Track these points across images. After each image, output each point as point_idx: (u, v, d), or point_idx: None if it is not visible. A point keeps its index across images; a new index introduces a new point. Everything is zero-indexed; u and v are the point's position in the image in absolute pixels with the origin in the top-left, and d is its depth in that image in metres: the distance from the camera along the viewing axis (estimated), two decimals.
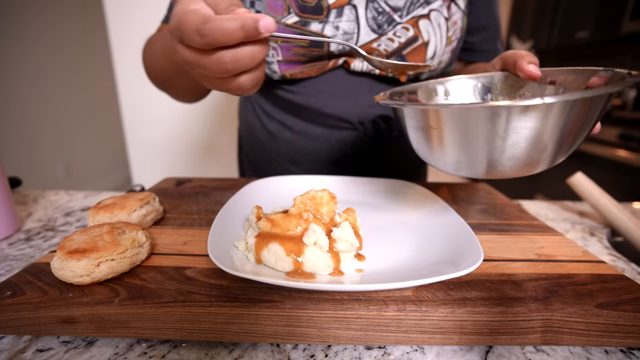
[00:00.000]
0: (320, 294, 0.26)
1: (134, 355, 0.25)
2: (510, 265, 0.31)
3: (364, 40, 0.47)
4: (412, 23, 0.47)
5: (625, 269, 0.37)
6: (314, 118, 0.56)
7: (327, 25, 0.46)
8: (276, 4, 0.45)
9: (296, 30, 0.46)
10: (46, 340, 0.26)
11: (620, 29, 1.92)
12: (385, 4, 0.46)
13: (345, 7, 0.45)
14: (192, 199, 0.48)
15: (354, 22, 0.46)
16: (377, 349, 0.26)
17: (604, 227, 0.49)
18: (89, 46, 2.55)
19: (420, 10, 0.47)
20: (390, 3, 0.46)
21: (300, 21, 0.45)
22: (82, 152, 2.63)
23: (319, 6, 0.45)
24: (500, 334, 0.25)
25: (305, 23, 0.46)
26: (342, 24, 0.46)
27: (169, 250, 0.33)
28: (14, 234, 0.44)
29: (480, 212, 0.44)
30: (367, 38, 0.47)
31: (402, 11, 0.47)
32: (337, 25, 0.46)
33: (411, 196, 0.44)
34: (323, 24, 0.46)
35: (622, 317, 0.25)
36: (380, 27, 0.47)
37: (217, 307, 0.25)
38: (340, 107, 0.54)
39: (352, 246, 0.29)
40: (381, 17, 0.46)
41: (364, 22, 0.46)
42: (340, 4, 0.45)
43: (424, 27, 0.48)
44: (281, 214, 0.31)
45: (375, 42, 0.47)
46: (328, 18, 0.46)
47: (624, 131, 1.64)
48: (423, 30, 0.48)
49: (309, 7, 0.45)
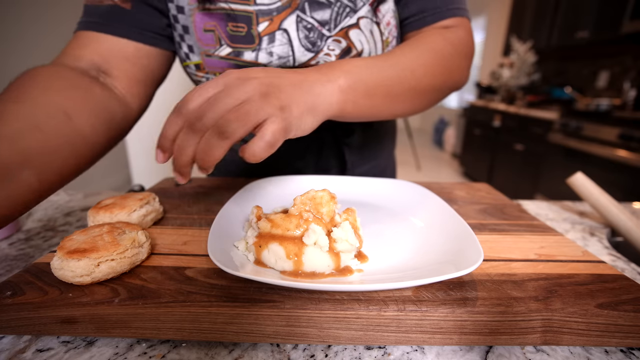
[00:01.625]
0: (320, 294, 0.26)
1: (134, 355, 0.25)
2: (510, 265, 0.31)
3: (301, 60, 0.46)
4: (342, 35, 0.45)
5: (625, 269, 0.37)
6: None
7: (260, 52, 0.45)
8: (206, 37, 0.44)
9: (230, 61, 0.45)
10: (46, 340, 0.26)
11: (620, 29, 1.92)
12: (313, 19, 0.44)
13: (277, 33, 0.44)
14: (192, 199, 0.48)
15: (287, 44, 0.45)
16: (377, 349, 0.26)
17: (604, 227, 0.49)
18: None
19: (348, 21, 0.45)
20: (317, 17, 0.44)
21: (233, 52, 0.45)
22: None
23: (250, 35, 0.44)
24: (500, 334, 0.25)
25: (238, 53, 0.45)
26: (276, 48, 0.45)
27: (169, 250, 0.33)
28: (14, 234, 0.44)
29: (480, 212, 0.44)
30: (303, 58, 0.46)
31: (330, 24, 0.45)
32: (271, 51, 0.45)
33: (411, 196, 0.44)
34: (256, 52, 0.45)
35: (622, 317, 0.25)
36: (314, 44, 0.45)
37: (217, 307, 0.25)
38: None
39: (352, 246, 0.29)
40: (312, 35, 0.45)
41: (297, 43, 0.45)
42: (271, 31, 0.44)
43: (355, 37, 0.46)
44: (281, 214, 0.31)
45: (313, 60, 0.46)
46: (260, 45, 0.45)
47: (624, 131, 1.64)
48: (355, 40, 0.46)
49: (239, 36, 0.44)
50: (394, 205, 0.44)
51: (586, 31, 2.20)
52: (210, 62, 0.46)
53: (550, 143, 2.16)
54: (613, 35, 1.99)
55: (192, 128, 0.27)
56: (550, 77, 3.00)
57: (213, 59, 0.45)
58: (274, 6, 0.44)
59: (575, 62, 2.73)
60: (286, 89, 0.30)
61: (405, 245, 0.34)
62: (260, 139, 0.27)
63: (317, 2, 0.44)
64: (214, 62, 0.46)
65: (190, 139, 0.28)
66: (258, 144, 0.27)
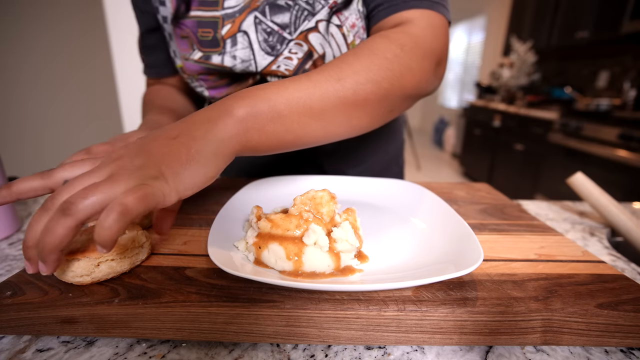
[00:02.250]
0: (320, 294, 0.26)
1: (134, 355, 0.25)
2: (510, 265, 0.31)
3: (262, 64, 0.46)
4: (302, 38, 0.45)
5: (625, 269, 0.37)
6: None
7: (225, 56, 0.46)
8: (182, 43, 0.47)
9: (202, 65, 0.47)
10: (46, 340, 0.26)
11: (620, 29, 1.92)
12: (273, 23, 0.44)
13: (238, 35, 0.45)
14: (192, 199, 0.48)
15: (248, 48, 0.45)
16: (377, 349, 0.26)
17: (604, 227, 0.49)
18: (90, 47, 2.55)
19: (306, 24, 0.44)
20: (277, 21, 0.44)
21: (203, 56, 0.46)
22: None
23: (215, 39, 0.45)
24: (500, 334, 0.25)
25: (207, 57, 0.46)
26: (238, 52, 0.46)
27: (169, 250, 0.33)
28: (14, 234, 0.44)
29: (480, 212, 0.44)
30: (264, 62, 0.46)
31: (290, 27, 0.45)
32: (234, 55, 0.46)
33: (411, 196, 0.44)
34: (222, 55, 0.46)
35: (622, 317, 0.25)
36: (274, 48, 0.45)
37: (217, 307, 0.25)
38: None
39: (352, 246, 0.29)
40: (272, 38, 0.45)
41: (257, 46, 0.45)
42: (232, 33, 0.45)
43: (314, 40, 0.45)
44: (281, 214, 0.31)
45: (274, 64, 0.46)
46: (225, 49, 0.46)
47: (624, 131, 1.64)
48: (315, 44, 0.45)
49: (206, 41, 0.46)
50: (394, 205, 0.44)
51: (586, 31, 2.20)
52: (188, 65, 0.49)
53: (550, 143, 2.16)
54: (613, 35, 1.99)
55: (43, 207, 0.24)
56: (550, 77, 3.00)
57: (189, 62, 0.48)
58: (237, 8, 0.45)
59: (575, 62, 2.73)
60: (155, 155, 0.26)
61: (405, 245, 0.34)
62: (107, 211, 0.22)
63: (277, 6, 0.44)
64: (190, 65, 0.48)
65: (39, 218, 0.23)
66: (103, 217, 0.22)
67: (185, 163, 0.26)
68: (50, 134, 2.37)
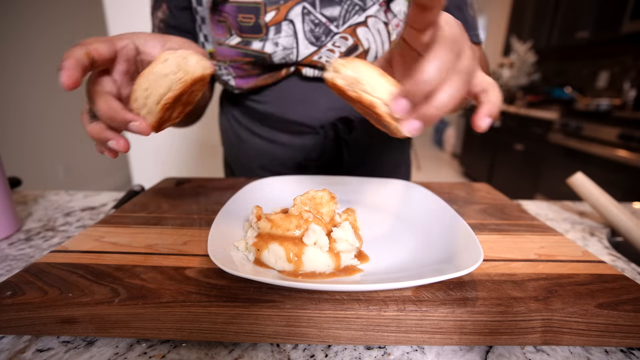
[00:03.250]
0: (320, 294, 0.26)
1: (134, 355, 0.25)
2: (510, 265, 0.31)
3: (304, 53, 0.47)
4: (350, 32, 0.47)
5: (625, 269, 0.37)
6: (278, 125, 0.56)
7: (267, 42, 0.47)
8: (218, 27, 0.47)
9: (239, 50, 0.47)
10: (46, 340, 0.26)
11: (620, 29, 1.92)
12: (321, 15, 0.46)
13: (283, 23, 0.46)
14: (192, 199, 0.48)
15: (292, 36, 0.46)
16: (377, 349, 0.26)
17: (604, 227, 0.49)
18: None
19: (356, 18, 0.46)
20: (326, 13, 0.46)
21: (242, 41, 0.47)
22: (82, 152, 2.63)
23: (257, 25, 0.46)
24: (500, 334, 0.25)
25: (247, 42, 0.47)
26: (281, 39, 0.46)
27: (169, 250, 0.33)
28: (14, 234, 0.44)
29: (480, 212, 0.44)
30: (306, 51, 0.47)
31: (338, 21, 0.46)
32: (277, 42, 0.46)
33: (411, 196, 0.44)
34: (263, 41, 0.46)
35: (622, 317, 0.25)
36: (318, 39, 0.47)
37: (217, 307, 0.25)
38: (300, 112, 0.54)
39: (352, 246, 0.29)
40: (318, 29, 0.46)
41: (302, 35, 0.46)
42: (278, 21, 0.46)
43: (362, 35, 0.47)
44: (281, 214, 0.31)
45: (316, 54, 0.48)
46: (267, 35, 0.46)
47: (624, 131, 1.64)
48: (362, 39, 0.47)
49: (247, 26, 0.46)
50: (394, 205, 0.44)
51: (586, 31, 2.20)
52: (221, 51, 0.48)
53: (550, 143, 2.16)
54: (613, 35, 2.00)
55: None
56: (550, 77, 3.00)
57: (223, 47, 0.48)
58: None
59: (575, 62, 2.73)
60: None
61: (405, 245, 0.34)
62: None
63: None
64: (224, 50, 0.48)
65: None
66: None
67: None
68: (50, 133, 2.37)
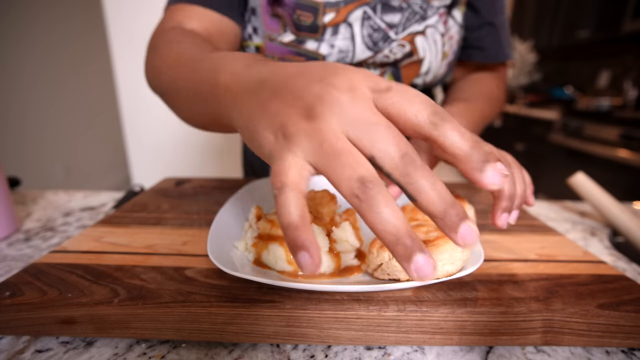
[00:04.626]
0: (320, 294, 0.26)
1: (134, 355, 0.25)
2: (511, 266, 0.31)
3: (360, 57, 0.47)
4: (409, 40, 0.47)
5: (627, 269, 0.37)
6: None
7: (322, 43, 0.46)
8: (272, 22, 0.45)
9: (292, 48, 0.46)
10: (45, 340, 0.26)
11: (621, 29, 1.91)
12: (381, 21, 0.45)
13: (341, 25, 0.45)
14: (192, 199, 0.48)
15: (350, 40, 0.46)
16: (377, 349, 0.26)
17: (605, 227, 0.49)
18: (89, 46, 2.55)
19: (416, 27, 0.46)
20: (386, 19, 0.45)
21: (296, 39, 0.45)
22: (82, 152, 2.63)
23: (315, 25, 0.45)
24: (501, 334, 0.25)
25: (301, 41, 0.46)
26: (338, 42, 0.46)
27: (168, 251, 0.33)
28: (13, 234, 0.44)
29: (480, 212, 0.44)
30: (362, 55, 0.47)
31: (398, 27, 0.46)
32: (333, 44, 0.46)
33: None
34: (319, 42, 0.46)
35: (623, 317, 0.25)
36: (376, 44, 0.46)
37: (217, 307, 0.25)
38: None
39: (352, 246, 0.29)
40: (377, 34, 0.46)
41: (360, 39, 0.46)
42: (336, 22, 0.45)
43: (420, 44, 0.47)
44: None
45: (371, 59, 0.48)
46: (324, 36, 0.45)
47: (624, 131, 1.64)
48: (419, 47, 0.47)
49: (304, 25, 0.45)
50: None
51: (587, 31, 2.20)
52: (271, 47, 0.47)
53: (551, 143, 2.15)
54: (614, 34, 1.99)
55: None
56: (551, 76, 2.99)
57: (275, 43, 0.46)
58: None
59: (576, 62, 2.72)
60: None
61: None
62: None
63: (390, 6, 0.45)
64: (275, 47, 0.47)
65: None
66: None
67: None
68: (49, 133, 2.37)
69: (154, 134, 1.45)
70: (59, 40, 2.33)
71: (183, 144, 1.47)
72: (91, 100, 2.66)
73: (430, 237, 0.26)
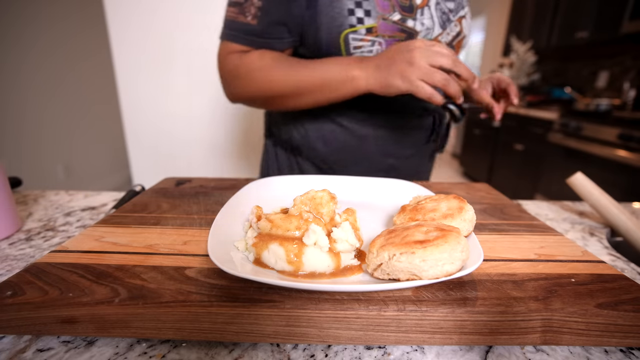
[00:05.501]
0: (320, 294, 0.26)
1: (134, 355, 0.25)
2: (510, 265, 0.31)
3: (435, 34, 0.59)
4: (459, 21, 0.61)
5: (625, 269, 0.38)
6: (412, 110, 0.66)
7: (417, 22, 0.56)
8: (384, 4, 0.54)
9: (398, 26, 0.55)
10: (46, 340, 0.26)
11: (620, 29, 1.92)
12: (445, 6, 0.59)
13: (425, 7, 0.57)
14: (192, 199, 0.48)
15: (431, 19, 0.57)
16: (377, 348, 0.26)
17: (604, 227, 0.49)
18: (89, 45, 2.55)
19: (461, 12, 0.61)
20: (449, 6, 0.59)
21: (401, 18, 0.55)
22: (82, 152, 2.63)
23: (411, 5, 0.55)
24: (500, 333, 0.25)
25: (404, 20, 0.55)
26: (425, 20, 0.57)
27: (168, 250, 0.33)
28: (14, 234, 0.44)
29: (480, 212, 0.44)
30: (436, 33, 0.59)
31: (454, 12, 0.60)
32: (423, 22, 0.57)
33: (411, 196, 0.44)
34: (414, 20, 0.56)
35: (621, 317, 0.25)
36: (444, 24, 0.59)
37: (217, 307, 0.25)
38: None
39: (352, 246, 0.29)
40: (444, 16, 0.59)
41: (437, 19, 0.58)
42: (423, 5, 0.56)
43: (465, 24, 0.62)
44: (281, 215, 0.31)
45: (440, 35, 0.59)
46: (417, 16, 0.56)
47: (623, 131, 1.64)
48: (465, 27, 0.62)
49: (405, 6, 0.55)
50: (394, 205, 0.44)
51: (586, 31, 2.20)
52: (383, 26, 0.55)
53: (550, 143, 2.16)
54: (613, 35, 1.99)
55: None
56: (550, 77, 3.00)
57: (387, 22, 0.54)
58: None
59: (575, 62, 2.73)
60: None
61: None
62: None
63: None
64: (387, 25, 0.55)
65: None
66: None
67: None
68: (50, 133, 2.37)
69: (154, 134, 1.45)
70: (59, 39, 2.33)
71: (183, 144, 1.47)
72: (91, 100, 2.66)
73: (430, 237, 0.26)
